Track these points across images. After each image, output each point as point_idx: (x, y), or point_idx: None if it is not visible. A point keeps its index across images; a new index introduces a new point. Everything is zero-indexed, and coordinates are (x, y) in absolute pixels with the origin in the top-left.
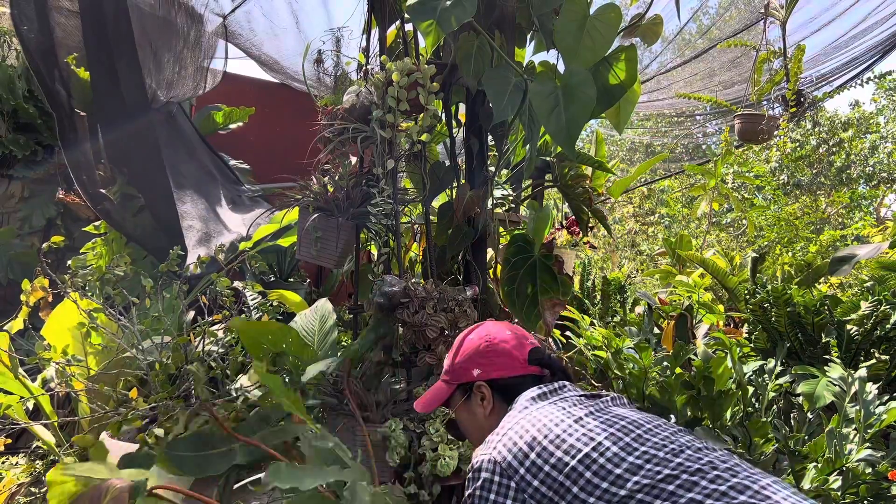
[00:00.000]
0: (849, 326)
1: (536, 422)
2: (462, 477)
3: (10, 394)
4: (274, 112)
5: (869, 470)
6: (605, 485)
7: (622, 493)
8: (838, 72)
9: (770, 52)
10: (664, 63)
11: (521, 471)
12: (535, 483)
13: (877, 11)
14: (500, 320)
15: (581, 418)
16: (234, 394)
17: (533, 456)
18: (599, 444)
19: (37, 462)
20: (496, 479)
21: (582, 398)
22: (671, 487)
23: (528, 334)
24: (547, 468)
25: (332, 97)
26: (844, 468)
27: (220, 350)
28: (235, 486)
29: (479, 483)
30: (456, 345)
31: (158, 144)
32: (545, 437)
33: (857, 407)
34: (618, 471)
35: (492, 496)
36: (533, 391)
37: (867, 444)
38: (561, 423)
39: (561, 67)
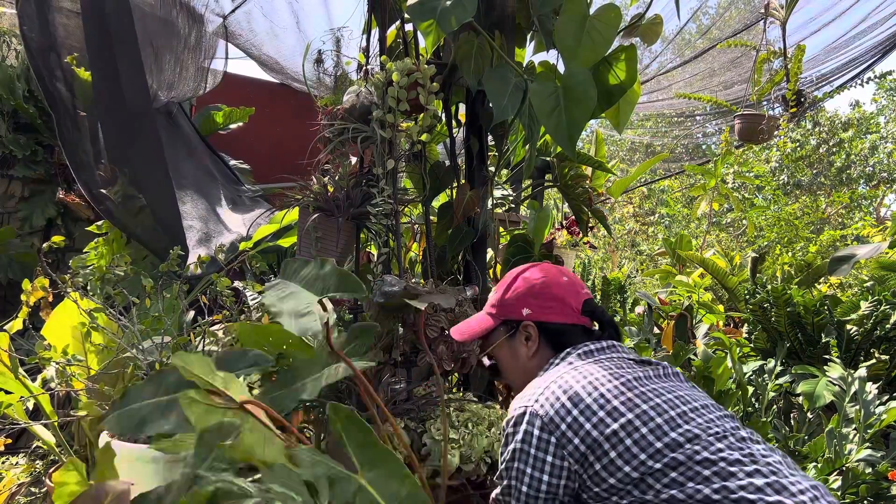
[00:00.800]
0: (849, 326)
1: (582, 378)
2: (462, 477)
3: (11, 393)
4: (274, 112)
5: (869, 470)
6: (642, 456)
7: (657, 466)
8: (838, 72)
9: (770, 53)
10: (664, 63)
11: (563, 426)
12: (576, 441)
13: (877, 11)
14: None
15: (628, 381)
16: None
17: (576, 413)
18: (644, 412)
19: (37, 462)
20: (537, 432)
21: (631, 361)
22: (707, 472)
23: (584, 284)
24: (588, 426)
25: (332, 97)
26: (844, 468)
27: (221, 350)
28: None
29: (520, 436)
30: (508, 279)
31: (160, 144)
32: (589, 395)
33: (857, 407)
34: (658, 444)
35: (532, 450)
36: (581, 347)
37: (867, 444)
38: (607, 384)
39: (561, 67)
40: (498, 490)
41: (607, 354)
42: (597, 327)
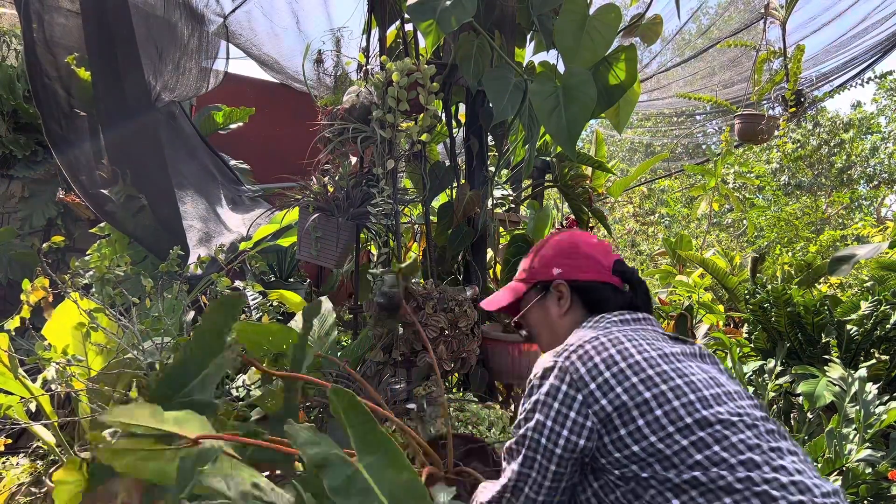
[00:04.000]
0: (849, 326)
1: (616, 342)
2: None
3: (11, 394)
4: (274, 112)
5: (869, 470)
6: (671, 428)
7: (683, 442)
8: (838, 71)
9: (770, 52)
10: (664, 63)
11: (592, 386)
12: (604, 402)
13: (877, 11)
14: (498, 320)
15: (665, 354)
16: (235, 393)
17: (608, 375)
18: (678, 386)
19: (37, 462)
20: (563, 387)
21: (666, 337)
22: (733, 460)
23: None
24: (619, 390)
25: (332, 97)
26: (844, 468)
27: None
28: None
29: (546, 389)
30: (537, 247)
31: (160, 144)
32: (624, 359)
33: (857, 407)
34: (688, 419)
35: (556, 404)
36: (617, 315)
37: (867, 444)
38: (643, 352)
39: (561, 67)
40: (513, 440)
41: (643, 325)
42: (628, 288)
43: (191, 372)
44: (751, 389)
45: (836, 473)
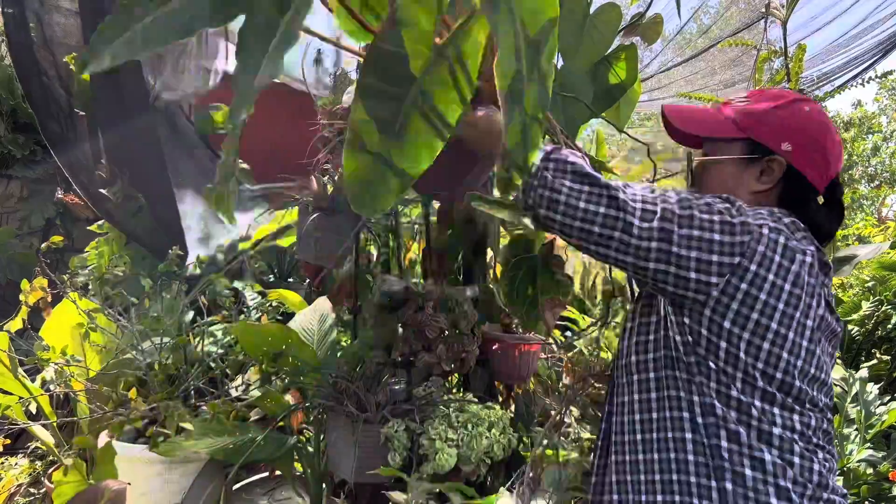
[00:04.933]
0: (850, 326)
1: (793, 275)
2: (461, 477)
3: (10, 394)
4: (274, 112)
5: (870, 470)
6: (782, 363)
7: (795, 384)
8: (839, 71)
9: (771, 52)
10: (665, 62)
11: (752, 266)
12: (751, 288)
13: (877, 11)
14: (498, 320)
15: (817, 317)
16: (234, 393)
17: (771, 275)
18: (808, 349)
19: (36, 462)
20: (735, 222)
21: (826, 303)
22: (803, 443)
23: None
24: (764, 295)
25: (331, 97)
26: (846, 469)
27: (220, 350)
28: (236, 485)
29: (721, 207)
30: (780, 97)
31: (159, 144)
32: (792, 285)
33: (858, 407)
34: (796, 372)
35: (716, 219)
36: (804, 232)
37: (868, 445)
38: (805, 299)
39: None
40: (638, 216)
41: (823, 276)
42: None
43: None
44: None
45: (836, 474)
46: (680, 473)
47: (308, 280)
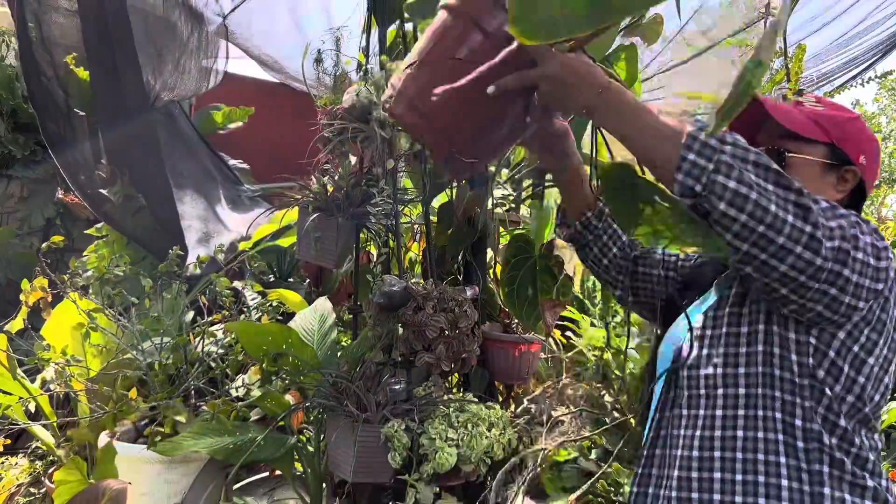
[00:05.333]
0: None
1: None
2: (461, 478)
3: (10, 394)
4: (274, 112)
5: None
6: (887, 382)
7: (881, 405)
8: (839, 71)
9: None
10: (664, 62)
11: (889, 294)
12: (882, 314)
13: (877, 11)
14: (498, 320)
15: None
16: (234, 393)
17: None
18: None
19: (36, 462)
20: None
21: None
22: (867, 453)
23: None
24: (891, 323)
25: (331, 97)
26: None
27: (220, 350)
28: (236, 485)
29: (869, 228)
30: (839, 106)
31: (159, 144)
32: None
33: None
34: (881, 392)
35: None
36: None
37: None
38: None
39: None
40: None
41: None
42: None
43: None
44: None
45: None
46: (770, 499)
47: (308, 280)
